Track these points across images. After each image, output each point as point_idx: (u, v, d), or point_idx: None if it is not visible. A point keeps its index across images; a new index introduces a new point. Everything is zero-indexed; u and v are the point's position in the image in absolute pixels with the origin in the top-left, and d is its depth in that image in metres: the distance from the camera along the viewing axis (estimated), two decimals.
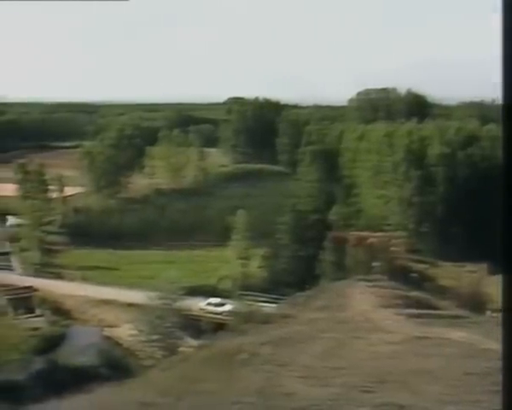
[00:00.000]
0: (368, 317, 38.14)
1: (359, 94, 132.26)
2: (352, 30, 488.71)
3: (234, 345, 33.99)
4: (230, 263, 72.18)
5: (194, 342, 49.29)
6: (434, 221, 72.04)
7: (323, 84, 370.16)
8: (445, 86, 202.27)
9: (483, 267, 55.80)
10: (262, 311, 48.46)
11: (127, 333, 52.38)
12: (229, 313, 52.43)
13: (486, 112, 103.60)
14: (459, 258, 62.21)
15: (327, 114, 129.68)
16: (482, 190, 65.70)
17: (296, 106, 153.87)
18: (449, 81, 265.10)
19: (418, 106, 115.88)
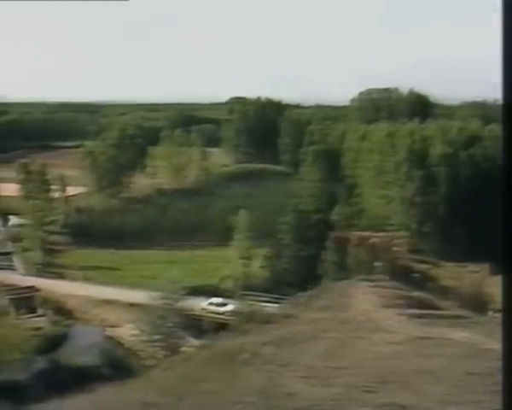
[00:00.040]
0: (370, 317, 38.13)
1: (361, 94, 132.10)
2: (354, 30, 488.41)
3: (236, 345, 34.00)
4: (232, 263, 72.15)
5: (195, 341, 49.24)
6: (436, 221, 71.97)
7: (325, 83, 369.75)
8: (448, 86, 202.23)
9: (485, 267, 55.69)
10: (264, 311, 48.44)
11: (129, 333, 52.39)
12: (231, 313, 52.41)
13: (489, 112, 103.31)
14: (461, 258, 62.20)
15: (329, 114, 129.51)
16: (484, 190, 65.57)
17: (298, 106, 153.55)
18: (451, 81, 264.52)
19: (420, 106, 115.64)
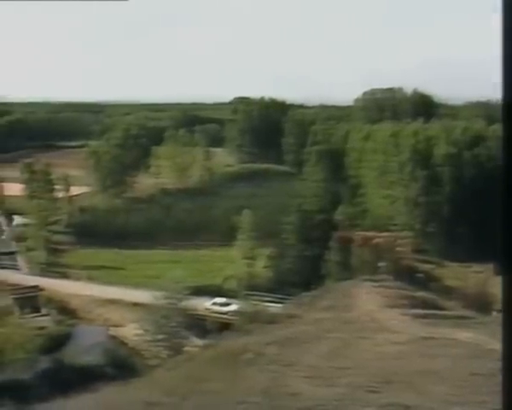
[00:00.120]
0: (374, 317, 38.09)
1: (365, 94, 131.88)
2: (358, 30, 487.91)
3: (239, 345, 33.99)
4: (236, 263, 72.14)
5: (199, 341, 49.27)
6: (440, 221, 71.81)
7: (329, 83, 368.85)
8: (452, 86, 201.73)
9: (489, 268, 55.50)
10: (267, 311, 48.43)
11: (133, 333, 52.41)
12: (234, 313, 52.36)
13: (493, 112, 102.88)
14: (465, 258, 62.08)
15: (333, 114, 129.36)
16: (488, 190, 65.35)
17: (302, 106, 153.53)
18: (453, 81, 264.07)
19: (424, 106, 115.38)
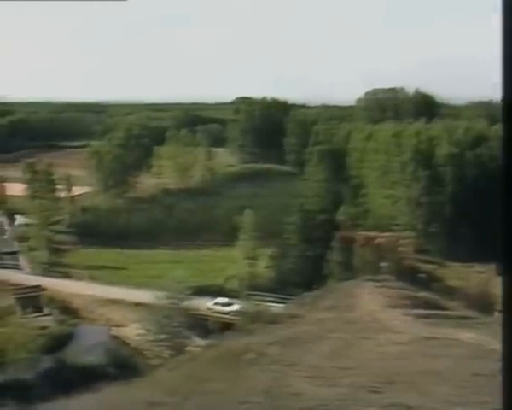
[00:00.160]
0: (376, 317, 38.07)
1: (367, 94, 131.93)
2: (358, 30, 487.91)
3: (241, 345, 33.99)
4: (238, 263, 72.13)
5: (201, 341, 49.27)
6: (443, 221, 71.76)
7: (331, 83, 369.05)
8: (452, 86, 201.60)
9: (491, 268, 55.45)
10: (269, 311, 48.41)
11: (134, 332, 52.43)
12: (236, 313, 52.39)
13: (495, 112, 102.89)
14: (467, 258, 62.06)
15: (335, 114, 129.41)
16: (490, 191, 65.31)
17: (304, 106, 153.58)
18: (455, 81, 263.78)
19: (426, 106, 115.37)
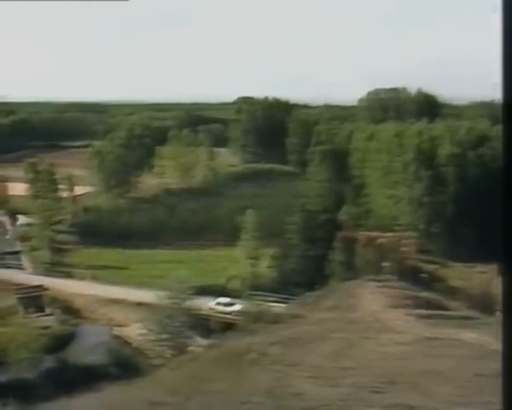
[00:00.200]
0: (378, 317, 38.05)
1: (369, 94, 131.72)
2: (361, 30, 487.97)
3: (243, 345, 33.99)
4: (240, 263, 72.10)
5: (203, 341, 49.29)
6: (445, 221, 71.64)
7: (333, 83, 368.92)
8: (452, 86, 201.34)
9: (493, 268, 55.34)
10: (271, 311, 48.43)
11: (136, 332, 52.46)
12: (238, 313, 52.38)
13: (497, 112, 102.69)
14: (469, 258, 61.96)
15: (337, 114, 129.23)
16: (493, 191, 65.14)
17: (306, 106, 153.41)
18: (455, 81, 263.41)
19: (428, 106, 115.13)
